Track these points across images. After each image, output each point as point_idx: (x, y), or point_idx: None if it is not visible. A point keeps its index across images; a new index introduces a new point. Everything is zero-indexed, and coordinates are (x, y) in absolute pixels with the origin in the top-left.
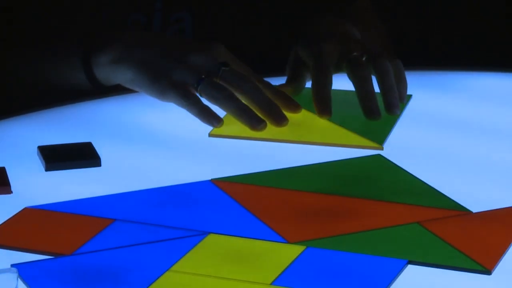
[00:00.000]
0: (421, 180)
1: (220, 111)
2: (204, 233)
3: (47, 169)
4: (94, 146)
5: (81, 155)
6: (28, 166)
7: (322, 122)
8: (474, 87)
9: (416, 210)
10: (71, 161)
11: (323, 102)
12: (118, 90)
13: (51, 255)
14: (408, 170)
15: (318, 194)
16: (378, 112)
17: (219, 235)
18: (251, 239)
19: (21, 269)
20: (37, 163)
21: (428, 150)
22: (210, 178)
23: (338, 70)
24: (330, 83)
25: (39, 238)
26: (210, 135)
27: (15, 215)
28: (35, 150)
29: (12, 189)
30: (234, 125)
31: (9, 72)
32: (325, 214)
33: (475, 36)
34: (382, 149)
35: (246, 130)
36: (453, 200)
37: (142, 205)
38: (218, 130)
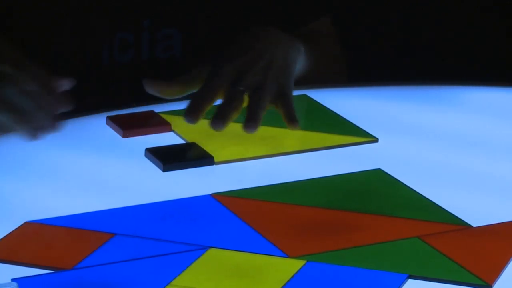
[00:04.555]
0: (421, 195)
1: None
2: (204, 248)
3: (165, 170)
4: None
5: (195, 155)
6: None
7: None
8: (470, 101)
9: (416, 225)
10: (189, 161)
11: (191, 111)
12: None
13: (52, 270)
14: (408, 185)
15: (318, 209)
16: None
17: (220, 249)
18: (252, 254)
19: (22, 284)
20: (35, 175)
21: (427, 165)
22: (210, 193)
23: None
24: (208, 98)
25: (39, 253)
26: (216, 163)
27: (16, 229)
28: (26, 163)
29: (11, 204)
30: (233, 147)
31: None
32: (325, 228)
33: (470, 50)
34: (377, 140)
35: (247, 152)
36: (453, 215)
37: (143, 219)
38: (221, 157)
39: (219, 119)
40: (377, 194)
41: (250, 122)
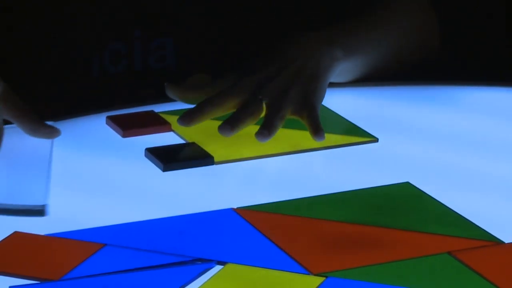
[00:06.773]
0: (451, 209)
1: None
2: (222, 263)
3: (164, 170)
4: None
5: (194, 155)
6: None
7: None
8: (470, 101)
9: (446, 240)
10: (188, 160)
11: (185, 116)
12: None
13: (38, 281)
14: (437, 198)
15: (343, 224)
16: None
17: (238, 265)
18: (270, 270)
19: None
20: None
21: (428, 165)
22: (232, 207)
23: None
24: (211, 106)
25: (27, 263)
26: (216, 163)
27: (5, 239)
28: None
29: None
30: (233, 147)
31: None
32: (351, 244)
33: (470, 50)
34: (377, 140)
35: (247, 152)
36: (484, 230)
37: (159, 233)
38: (221, 157)
39: (227, 123)
40: (405, 208)
41: (263, 129)
